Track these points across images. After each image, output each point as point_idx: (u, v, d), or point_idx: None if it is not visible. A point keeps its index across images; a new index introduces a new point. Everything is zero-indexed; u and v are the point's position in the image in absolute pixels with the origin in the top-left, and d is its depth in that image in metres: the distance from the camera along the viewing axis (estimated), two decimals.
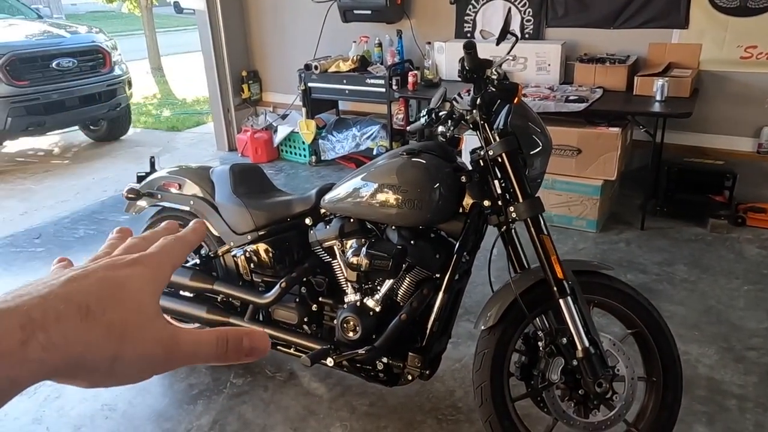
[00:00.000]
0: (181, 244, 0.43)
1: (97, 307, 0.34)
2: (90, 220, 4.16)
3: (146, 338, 0.36)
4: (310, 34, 4.98)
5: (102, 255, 0.42)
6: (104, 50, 5.70)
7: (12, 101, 4.97)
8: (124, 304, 0.36)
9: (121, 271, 0.38)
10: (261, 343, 0.40)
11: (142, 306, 0.37)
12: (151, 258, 0.40)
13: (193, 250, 0.45)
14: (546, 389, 1.80)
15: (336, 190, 2.03)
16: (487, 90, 1.78)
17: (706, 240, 3.49)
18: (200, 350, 0.39)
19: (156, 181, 2.43)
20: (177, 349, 0.38)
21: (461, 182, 1.84)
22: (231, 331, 0.40)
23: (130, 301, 0.36)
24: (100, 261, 0.39)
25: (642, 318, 1.84)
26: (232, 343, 0.39)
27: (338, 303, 2.08)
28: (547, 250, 1.75)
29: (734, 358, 2.45)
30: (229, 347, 0.39)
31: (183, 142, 6.30)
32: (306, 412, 2.23)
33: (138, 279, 0.38)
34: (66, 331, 0.33)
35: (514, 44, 1.85)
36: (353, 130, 4.81)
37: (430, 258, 1.90)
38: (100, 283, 0.36)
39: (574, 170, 3.54)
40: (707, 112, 3.78)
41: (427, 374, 1.94)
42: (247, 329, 0.40)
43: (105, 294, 0.35)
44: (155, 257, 0.40)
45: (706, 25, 3.69)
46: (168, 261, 0.41)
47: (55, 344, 0.32)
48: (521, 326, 1.86)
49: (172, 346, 0.37)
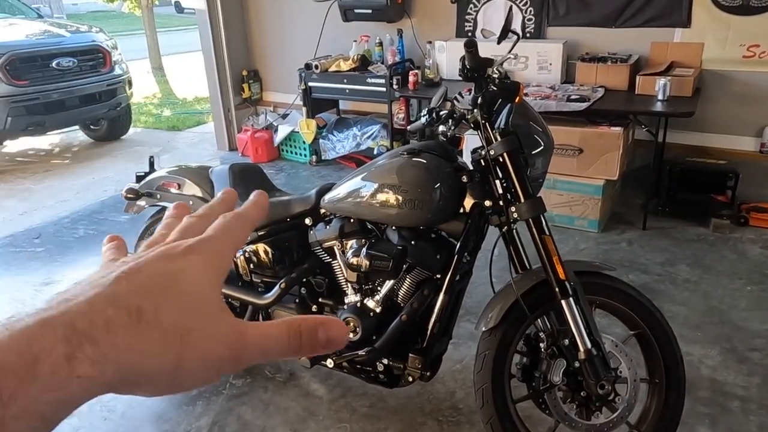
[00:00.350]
0: (242, 222, 0.38)
1: (150, 310, 0.30)
2: (90, 220, 4.15)
3: (209, 339, 0.32)
4: (310, 33, 4.97)
5: (158, 239, 0.38)
6: (104, 50, 5.69)
7: (12, 101, 4.96)
8: (182, 302, 0.32)
9: (176, 262, 0.33)
10: (338, 333, 0.35)
11: (203, 301, 0.33)
12: (209, 243, 0.36)
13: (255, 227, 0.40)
14: (547, 391, 1.78)
15: (336, 190, 2.01)
16: (488, 89, 1.77)
17: (709, 240, 3.47)
18: (270, 345, 0.34)
19: (155, 181, 2.42)
20: (244, 347, 0.33)
21: (462, 182, 1.82)
22: (304, 322, 0.35)
23: (189, 298, 0.32)
24: (154, 250, 0.35)
25: (644, 319, 1.82)
26: (306, 336, 0.35)
27: (338, 304, 2.07)
28: (548, 251, 1.73)
29: (737, 359, 2.43)
30: (302, 340, 0.35)
31: (183, 141, 6.29)
32: (306, 413, 2.22)
33: (195, 270, 0.34)
34: (117, 341, 0.29)
35: (515, 43, 1.83)
36: (354, 129, 4.80)
37: (431, 258, 1.88)
38: (152, 279, 0.32)
39: (575, 170, 3.53)
40: (710, 111, 3.76)
41: (428, 375, 1.92)
42: (321, 318, 0.36)
43: (159, 292, 0.31)
44: (214, 241, 0.36)
45: (708, 24, 3.67)
46: (229, 244, 0.37)
47: (106, 356, 0.28)
48: (522, 327, 1.84)
49: (238, 344, 0.33)
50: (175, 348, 0.31)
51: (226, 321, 0.33)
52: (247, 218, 0.39)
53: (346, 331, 0.37)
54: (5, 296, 3.16)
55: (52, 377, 0.27)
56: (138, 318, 0.30)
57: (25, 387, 0.26)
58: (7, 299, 3.13)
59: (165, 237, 0.38)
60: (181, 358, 0.31)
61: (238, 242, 0.38)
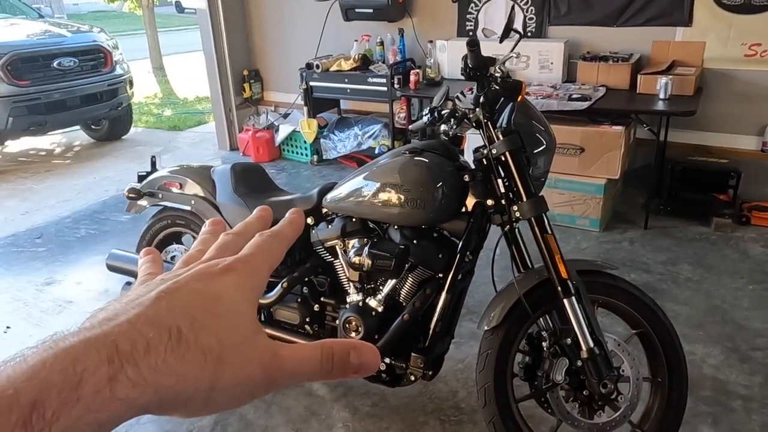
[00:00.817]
0: (279, 241, 0.39)
1: (189, 331, 0.30)
2: (91, 219, 4.16)
3: (245, 361, 0.32)
4: (311, 32, 4.96)
5: (195, 255, 0.38)
6: (105, 50, 5.69)
7: (13, 101, 4.96)
8: (220, 323, 0.32)
9: (215, 281, 0.34)
10: (371, 359, 0.35)
11: (240, 322, 0.33)
12: (247, 262, 0.36)
13: (291, 245, 0.40)
14: (550, 390, 1.78)
15: (338, 190, 2.01)
16: (490, 88, 1.77)
17: (711, 239, 3.47)
18: (303, 368, 0.34)
19: (157, 181, 2.42)
20: (278, 370, 0.33)
21: (464, 181, 1.82)
22: (336, 344, 0.35)
23: (227, 318, 0.32)
24: (193, 268, 0.35)
25: (647, 318, 1.82)
26: (338, 359, 0.35)
27: (340, 303, 2.07)
28: (551, 250, 1.73)
29: (739, 358, 2.43)
30: (334, 363, 0.35)
31: (184, 141, 6.29)
32: (308, 413, 2.22)
33: (234, 289, 0.34)
34: (157, 363, 0.29)
35: (517, 41, 1.83)
36: (355, 129, 4.79)
37: (433, 258, 1.88)
38: (192, 298, 0.32)
39: (577, 169, 3.52)
40: (711, 110, 3.75)
41: (430, 375, 1.92)
42: (353, 342, 0.36)
43: (198, 312, 0.31)
44: (251, 261, 0.36)
45: (709, 22, 3.67)
46: (265, 263, 0.37)
47: (146, 379, 0.28)
48: (525, 326, 1.84)
49: (273, 366, 0.33)
50: (211, 370, 0.31)
51: (261, 342, 0.34)
52: (284, 237, 0.40)
53: (378, 356, 0.36)
54: (7, 296, 3.17)
55: (94, 398, 0.27)
56: (178, 339, 0.30)
57: (68, 406, 0.26)
58: (8, 299, 3.13)
59: (202, 253, 0.38)
60: (217, 379, 0.31)
61: (274, 261, 0.38)
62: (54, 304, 3.07)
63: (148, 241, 2.56)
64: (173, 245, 2.55)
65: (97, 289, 3.13)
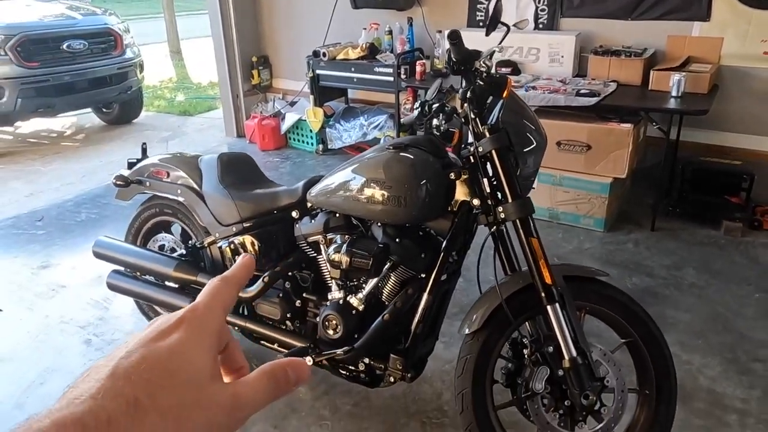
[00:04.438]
0: (229, 286, 0.41)
1: (145, 397, 0.31)
2: (93, 203, 4.15)
3: (205, 410, 0.34)
4: (320, 19, 4.89)
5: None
6: (116, 33, 5.68)
7: (22, 82, 4.97)
8: (175, 380, 0.33)
9: (168, 337, 0.35)
10: (302, 372, 0.38)
11: (195, 373, 0.34)
12: (196, 310, 0.38)
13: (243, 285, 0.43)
14: (530, 399, 1.72)
15: (322, 183, 1.96)
16: (476, 83, 1.69)
17: (719, 243, 3.35)
18: (258, 398, 0.36)
19: (145, 169, 2.38)
20: (239, 408, 0.35)
21: (450, 179, 1.75)
22: (275, 367, 0.38)
23: (182, 371, 0.34)
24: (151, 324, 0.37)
25: (636, 327, 1.74)
26: (281, 379, 0.37)
27: (322, 299, 2.02)
28: (535, 254, 1.66)
29: (738, 370, 2.33)
30: (279, 384, 0.37)
31: (193, 127, 6.27)
32: (288, 409, 2.18)
33: (186, 341, 0.35)
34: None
35: (505, 35, 1.75)
36: (361, 119, 4.72)
37: (415, 257, 1.82)
38: (143, 363, 0.33)
39: (582, 167, 3.42)
40: (727, 109, 3.61)
41: (410, 377, 1.87)
42: (285, 360, 0.38)
43: (153, 374, 0.33)
44: (200, 308, 0.38)
45: (728, 17, 3.52)
46: (218, 306, 0.39)
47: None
48: (507, 332, 1.77)
49: (233, 407, 0.35)
50: (173, 427, 0.32)
51: (219, 388, 0.35)
52: (235, 281, 0.42)
53: (308, 369, 0.39)
54: (1, 278, 3.17)
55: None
56: (135, 408, 0.31)
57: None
58: (3, 281, 3.14)
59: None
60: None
61: (227, 303, 0.40)
62: (47, 288, 3.07)
63: (136, 230, 2.54)
64: (161, 234, 2.52)
65: (91, 275, 3.11)
